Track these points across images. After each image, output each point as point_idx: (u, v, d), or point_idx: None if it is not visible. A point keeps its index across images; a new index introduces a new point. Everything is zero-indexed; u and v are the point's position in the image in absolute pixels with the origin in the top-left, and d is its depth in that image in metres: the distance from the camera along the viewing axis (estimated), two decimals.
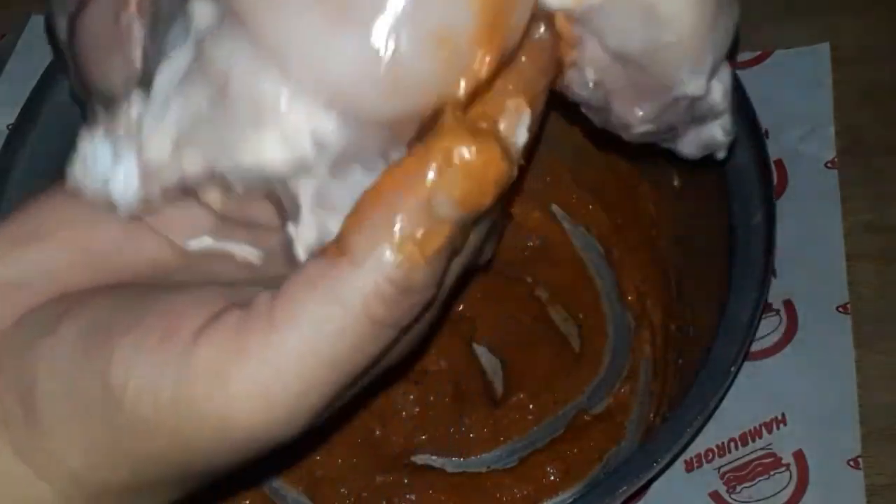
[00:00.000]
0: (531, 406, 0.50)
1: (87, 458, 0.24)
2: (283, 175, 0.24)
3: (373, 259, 0.22)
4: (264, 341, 0.22)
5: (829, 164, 0.51)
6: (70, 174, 0.26)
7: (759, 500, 0.43)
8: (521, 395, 0.50)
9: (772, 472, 0.44)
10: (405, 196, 0.22)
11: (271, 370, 0.22)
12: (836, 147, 0.51)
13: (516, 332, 0.52)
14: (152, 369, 0.23)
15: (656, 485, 0.43)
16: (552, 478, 0.47)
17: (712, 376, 0.38)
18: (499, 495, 0.47)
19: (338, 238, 0.23)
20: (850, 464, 0.43)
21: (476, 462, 0.49)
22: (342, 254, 0.22)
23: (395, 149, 0.24)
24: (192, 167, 0.24)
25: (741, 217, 0.42)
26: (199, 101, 0.24)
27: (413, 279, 0.23)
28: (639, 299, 0.51)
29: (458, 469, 0.49)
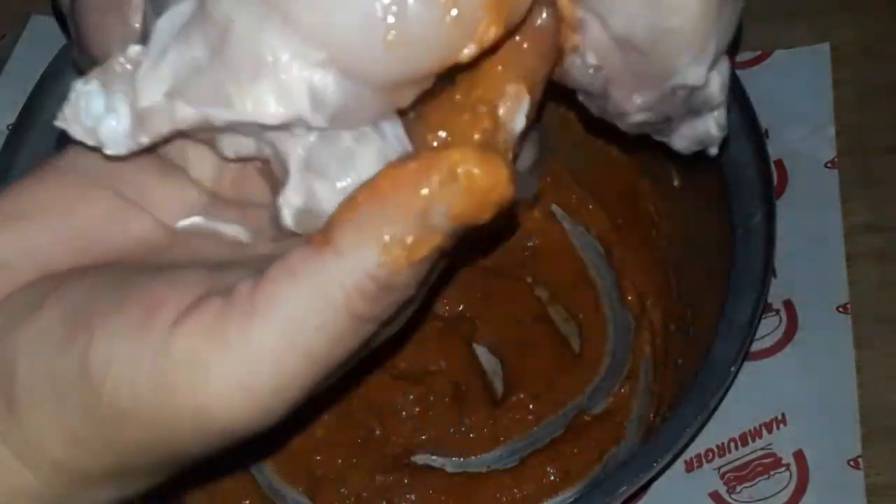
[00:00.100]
0: (531, 406, 0.50)
1: (68, 445, 0.24)
2: (276, 129, 0.24)
3: (357, 254, 0.22)
4: (243, 331, 0.22)
5: (829, 164, 0.51)
6: (60, 116, 0.25)
7: (759, 500, 0.43)
8: (521, 395, 0.50)
9: (772, 472, 0.44)
10: (402, 200, 0.22)
11: (249, 361, 0.22)
12: (836, 147, 0.51)
13: (516, 332, 0.52)
14: (131, 357, 0.22)
15: (656, 485, 0.43)
16: (552, 478, 0.47)
17: (712, 376, 0.38)
18: (499, 495, 0.47)
19: (325, 227, 0.23)
20: (850, 464, 0.43)
21: (476, 462, 0.49)
22: (327, 242, 0.22)
23: (389, 117, 0.24)
24: (185, 115, 0.24)
25: (741, 217, 0.42)
26: (197, 50, 0.24)
27: (395, 280, 0.22)
28: (639, 299, 0.51)
29: (458, 469, 0.49)
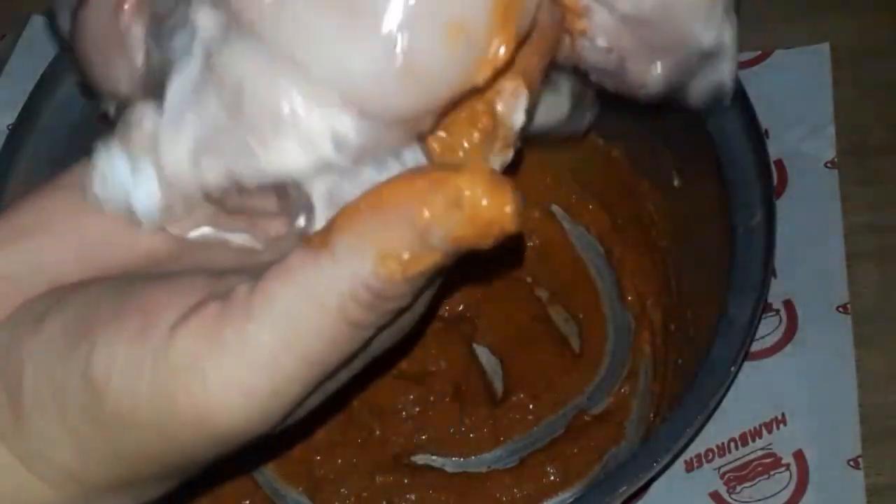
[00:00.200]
0: (531, 406, 0.50)
1: (76, 454, 0.24)
2: (304, 176, 0.24)
3: (353, 261, 0.22)
4: (240, 332, 0.22)
5: (829, 164, 0.51)
6: (89, 190, 0.26)
7: (759, 500, 0.43)
8: (521, 395, 0.50)
9: (772, 472, 0.44)
10: (403, 215, 0.22)
11: (246, 364, 0.22)
12: (836, 147, 0.51)
13: (516, 332, 0.52)
14: (131, 363, 0.23)
15: (656, 485, 0.43)
16: (552, 478, 0.47)
17: (712, 376, 0.38)
18: (499, 495, 0.47)
19: (325, 230, 0.23)
20: (850, 464, 0.43)
21: (476, 462, 0.49)
22: (325, 246, 0.22)
23: (409, 144, 0.24)
24: (213, 176, 0.24)
25: (741, 217, 0.41)
26: (214, 110, 0.24)
27: (389, 291, 0.22)
28: (639, 299, 0.51)
29: (458, 469, 0.49)
